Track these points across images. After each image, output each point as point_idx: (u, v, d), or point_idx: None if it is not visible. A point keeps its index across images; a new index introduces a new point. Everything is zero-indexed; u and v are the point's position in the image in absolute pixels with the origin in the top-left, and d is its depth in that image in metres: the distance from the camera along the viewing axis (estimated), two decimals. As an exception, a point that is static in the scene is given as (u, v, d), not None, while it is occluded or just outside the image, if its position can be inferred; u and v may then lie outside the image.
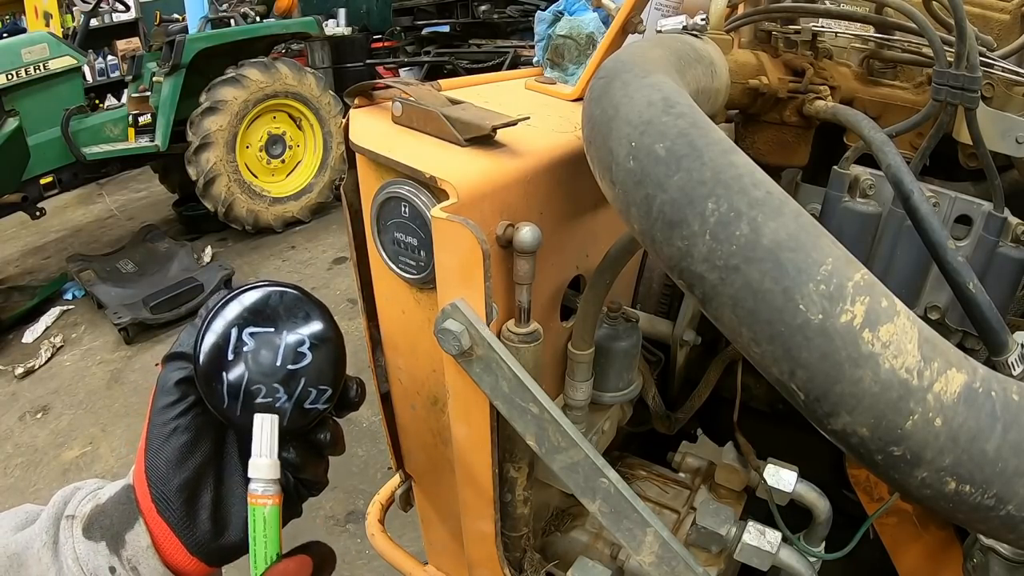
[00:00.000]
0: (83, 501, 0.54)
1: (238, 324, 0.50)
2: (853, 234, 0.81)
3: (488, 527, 0.81)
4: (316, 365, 0.52)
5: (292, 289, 0.53)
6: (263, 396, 0.50)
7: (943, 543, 1.02)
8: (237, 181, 4.44)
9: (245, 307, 0.51)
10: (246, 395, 0.50)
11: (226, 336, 0.50)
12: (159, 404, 0.52)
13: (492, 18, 6.05)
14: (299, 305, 0.52)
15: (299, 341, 0.51)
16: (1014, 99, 0.82)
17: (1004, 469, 0.40)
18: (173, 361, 0.53)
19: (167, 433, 0.51)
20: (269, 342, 0.51)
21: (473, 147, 0.72)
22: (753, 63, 0.86)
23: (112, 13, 6.27)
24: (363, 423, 2.80)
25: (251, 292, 0.52)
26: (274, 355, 0.51)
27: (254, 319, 0.51)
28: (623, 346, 0.88)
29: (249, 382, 0.50)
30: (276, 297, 0.52)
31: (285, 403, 0.51)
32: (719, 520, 0.89)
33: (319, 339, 0.52)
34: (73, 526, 0.52)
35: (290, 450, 0.53)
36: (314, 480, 0.56)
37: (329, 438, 0.55)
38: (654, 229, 0.47)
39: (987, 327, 0.63)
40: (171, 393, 0.52)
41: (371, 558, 2.20)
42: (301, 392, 0.51)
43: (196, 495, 0.52)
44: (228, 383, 0.50)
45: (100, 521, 0.52)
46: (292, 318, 0.52)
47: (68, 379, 3.39)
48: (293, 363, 0.51)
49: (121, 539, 0.51)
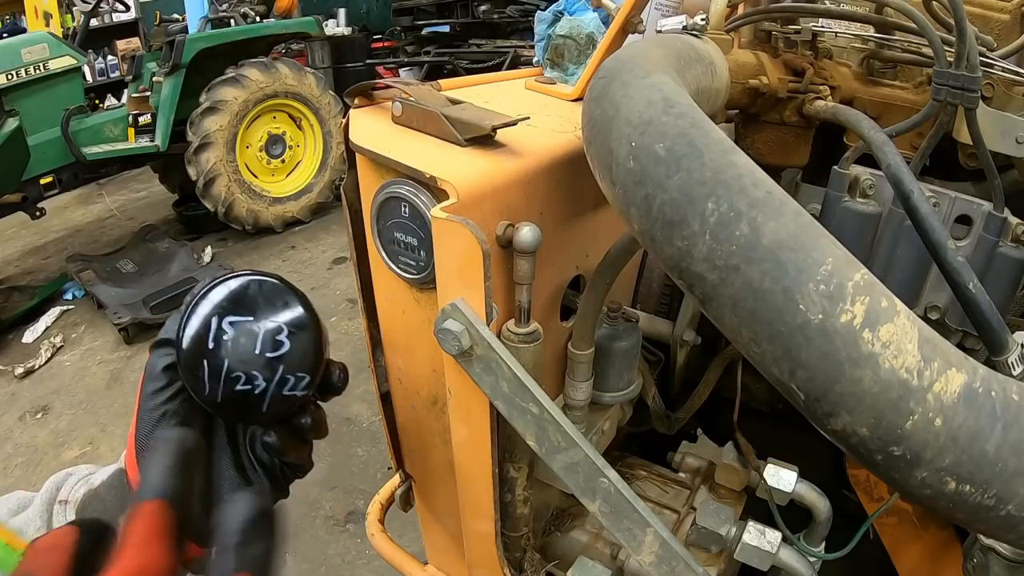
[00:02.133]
0: (76, 486, 0.55)
1: (218, 313, 0.51)
2: (853, 234, 0.81)
3: (488, 527, 0.81)
4: (295, 352, 0.53)
5: (271, 278, 0.54)
6: (243, 383, 0.52)
7: (943, 543, 1.02)
8: (237, 181, 4.44)
9: (225, 296, 0.52)
10: (226, 382, 0.51)
11: (207, 325, 0.51)
12: (148, 390, 0.53)
13: (492, 18, 6.05)
14: (278, 294, 0.53)
15: (277, 329, 0.52)
16: (1014, 99, 0.82)
17: (1004, 469, 0.40)
18: (160, 348, 0.54)
19: (156, 418, 0.53)
20: (248, 331, 0.52)
21: (473, 147, 0.72)
22: (753, 63, 0.86)
23: (112, 13, 6.26)
24: (363, 423, 2.80)
25: (231, 281, 0.53)
26: (253, 343, 0.52)
27: (233, 308, 0.52)
28: (623, 346, 0.88)
29: (229, 369, 0.51)
30: (255, 286, 0.53)
31: (265, 391, 0.52)
32: (719, 520, 0.89)
33: (297, 327, 0.53)
34: (67, 511, 0.53)
35: (271, 435, 0.55)
36: (298, 463, 0.57)
37: (310, 422, 0.57)
38: (654, 229, 0.47)
39: (987, 327, 0.63)
40: (159, 379, 0.53)
41: (371, 558, 2.20)
42: (280, 379, 0.52)
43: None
44: (209, 371, 0.51)
45: (93, 505, 0.53)
46: (271, 307, 0.53)
47: (68, 379, 3.39)
48: (272, 351, 0.52)
49: (115, 523, 0.52)
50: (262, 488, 0.57)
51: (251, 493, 0.46)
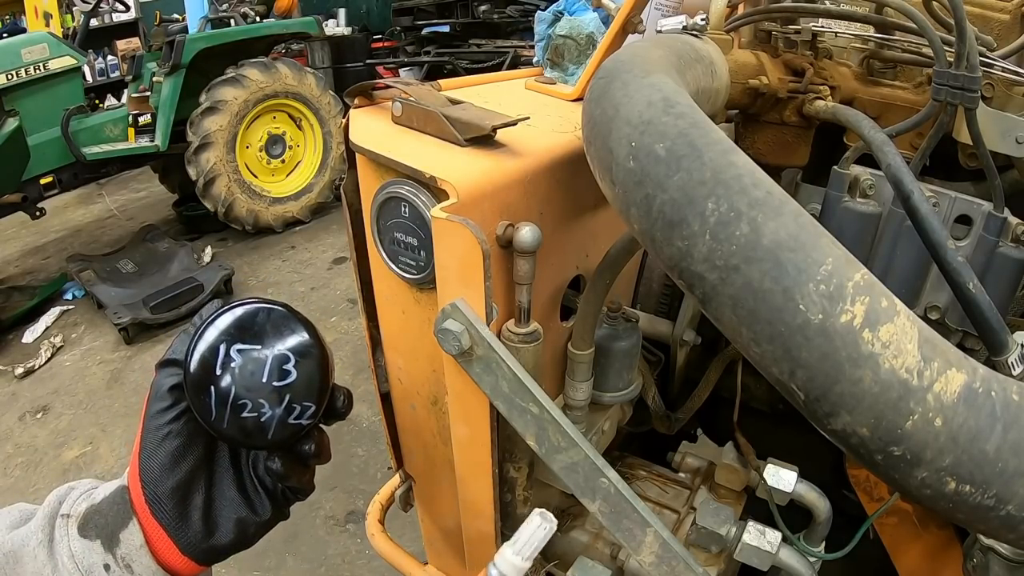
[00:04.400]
0: (78, 500, 0.55)
1: (226, 340, 0.52)
2: (853, 234, 0.81)
3: (488, 527, 0.81)
4: (301, 382, 0.53)
5: (279, 307, 0.54)
6: (249, 411, 0.52)
7: (943, 543, 1.02)
8: (237, 181, 4.44)
9: (233, 323, 0.53)
10: (233, 409, 0.52)
11: (214, 351, 0.52)
12: (153, 409, 0.54)
13: (492, 18, 6.05)
14: (285, 323, 0.54)
15: (284, 358, 0.53)
16: (1014, 99, 0.82)
17: (1004, 469, 0.40)
18: (166, 367, 0.55)
19: (160, 438, 0.53)
20: (255, 359, 0.52)
21: (473, 147, 0.72)
22: (753, 63, 0.86)
23: (112, 13, 6.26)
24: (363, 423, 2.80)
25: (239, 308, 0.54)
26: (260, 371, 0.52)
27: (241, 336, 0.52)
28: (623, 346, 0.88)
29: (236, 396, 0.52)
30: (263, 314, 0.53)
31: (271, 418, 0.53)
32: (719, 520, 0.89)
33: (304, 356, 0.54)
34: (68, 525, 0.53)
35: (275, 460, 0.55)
36: (299, 488, 0.58)
37: (314, 449, 0.57)
38: (654, 229, 0.47)
39: (987, 327, 0.63)
40: (164, 399, 0.54)
41: (371, 558, 2.20)
42: (286, 407, 0.53)
43: (188, 497, 0.54)
44: (216, 397, 0.52)
45: (95, 520, 0.53)
46: (278, 335, 0.53)
47: (68, 379, 3.39)
48: (279, 380, 0.53)
49: (116, 538, 0.53)
50: (263, 508, 0.57)
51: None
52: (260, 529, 0.58)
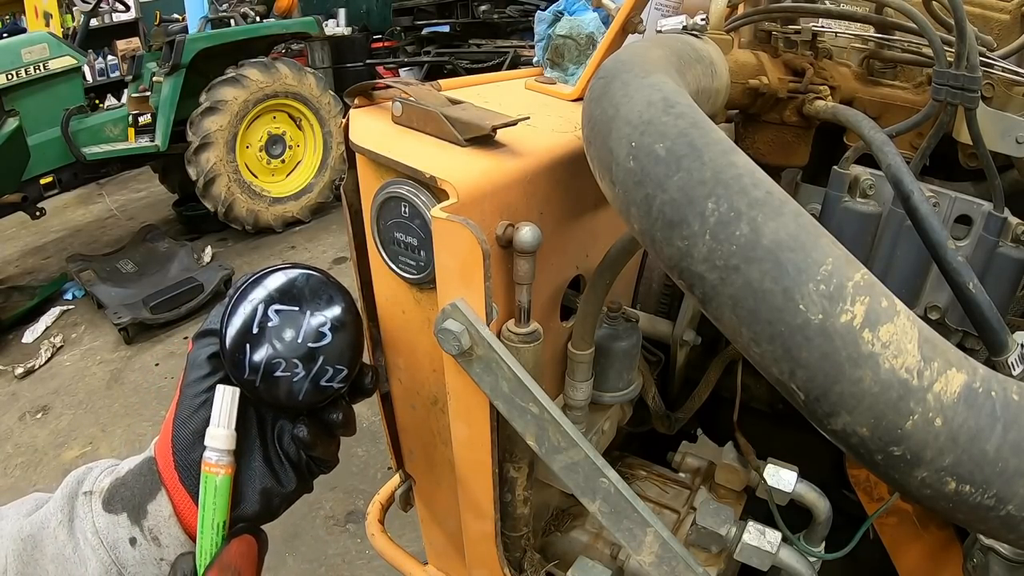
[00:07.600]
0: (100, 477, 0.55)
1: (265, 301, 0.53)
2: (853, 234, 0.81)
3: (488, 527, 0.81)
4: (335, 346, 0.54)
5: (317, 272, 0.56)
6: (282, 370, 0.53)
7: (943, 543, 1.02)
8: (237, 181, 4.44)
9: (272, 285, 0.54)
10: (267, 368, 0.53)
11: (252, 312, 0.53)
12: (190, 378, 0.55)
13: (492, 18, 6.05)
14: (323, 288, 0.55)
15: (321, 322, 0.54)
16: (1014, 99, 0.82)
17: (1004, 469, 0.40)
18: (203, 338, 0.56)
19: (196, 405, 0.54)
20: (293, 320, 0.53)
21: (473, 147, 0.72)
22: (753, 63, 0.86)
23: (112, 13, 6.27)
24: (363, 423, 2.80)
25: (279, 273, 0.55)
26: (296, 332, 0.53)
27: (280, 297, 0.54)
28: (623, 346, 0.88)
29: (271, 356, 0.53)
30: (302, 279, 0.55)
31: (303, 379, 0.54)
32: (719, 520, 0.89)
33: (340, 322, 0.55)
34: (92, 501, 0.53)
35: (302, 428, 0.56)
36: (324, 458, 0.58)
37: (341, 418, 0.58)
38: (654, 229, 0.47)
39: (987, 327, 0.63)
40: (202, 367, 0.54)
41: (371, 558, 2.20)
42: (319, 370, 0.54)
43: None
44: (251, 355, 0.52)
45: (121, 493, 0.53)
46: (316, 300, 0.55)
47: (68, 379, 3.39)
48: (314, 341, 0.54)
49: (143, 510, 0.53)
50: (287, 480, 0.57)
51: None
52: (284, 501, 0.58)
